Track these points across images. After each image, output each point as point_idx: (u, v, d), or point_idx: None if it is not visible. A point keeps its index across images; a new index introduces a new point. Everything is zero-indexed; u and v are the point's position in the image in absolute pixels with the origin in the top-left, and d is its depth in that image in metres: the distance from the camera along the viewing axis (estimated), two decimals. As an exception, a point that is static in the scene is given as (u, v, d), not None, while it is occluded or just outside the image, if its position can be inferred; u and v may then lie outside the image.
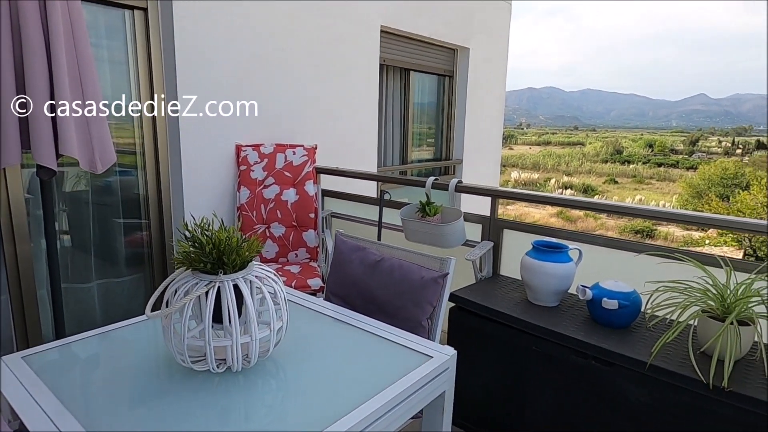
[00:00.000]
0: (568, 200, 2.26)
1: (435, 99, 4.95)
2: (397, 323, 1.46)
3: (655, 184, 45.46)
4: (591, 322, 1.81)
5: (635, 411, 1.57)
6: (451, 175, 5.02)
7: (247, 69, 2.92)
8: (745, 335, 1.49)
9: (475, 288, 2.13)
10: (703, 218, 1.87)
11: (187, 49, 2.61)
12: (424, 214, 2.43)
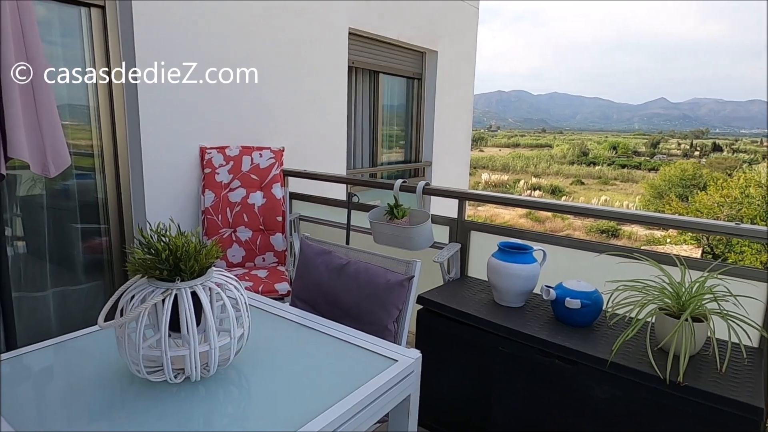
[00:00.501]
0: (532, 202, 2.30)
1: (404, 101, 4.97)
2: (363, 327, 1.45)
3: (619, 185, 46.92)
4: (555, 322, 1.84)
5: (597, 407, 1.61)
6: (421, 177, 5.05)
7: (210, 71, 2.86)
8: (699, 331, 1.54)
9: (443, 290, 2.15)
10: (661, 219, 1.94)
11: (148, 50, 2.54)
12: (392, 216, 2.43)
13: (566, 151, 65.21)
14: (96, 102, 2.50)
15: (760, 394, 1.42)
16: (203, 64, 2.80)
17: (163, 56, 2.61)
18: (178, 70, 2.68)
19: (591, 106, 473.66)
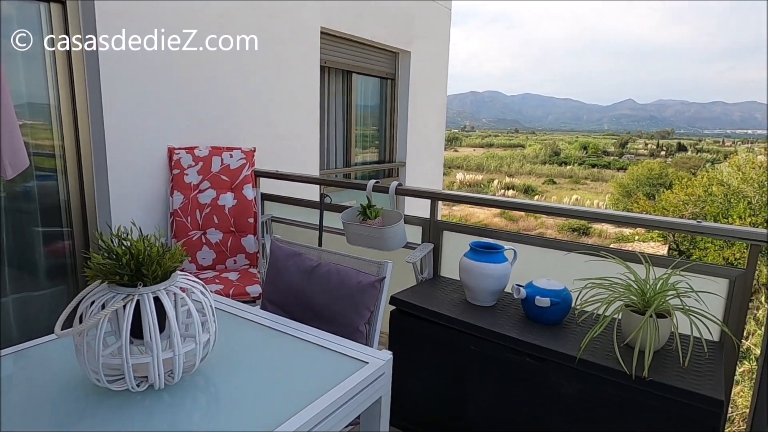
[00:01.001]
0: (502, 201, 2.32)
1: (378, 101, 4.96)
2: (334, 329, 1.43)
3: (589, 184, 48.02)
4: (526, 320, 1.87)
5: (567, 404, 1.63)
6: (395, 177, 5.05)
7: (178, 69, 2.79)
8: (663, 327, 1.58)
9: (416, 290, 2.15)
10: (627, 218, 1.99)
11: (111, 52, 2.46)
12: (365, 217, 2.42)
13: (538, 151, 66.41)
14: (57, 100, 2.42)
15: (721, 386, 1.47)
16: (170, 67, 2.74)
17: (128, 64, 2.54)
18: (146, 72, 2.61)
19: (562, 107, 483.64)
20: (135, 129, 2.62)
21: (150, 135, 2.69)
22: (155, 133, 2.72)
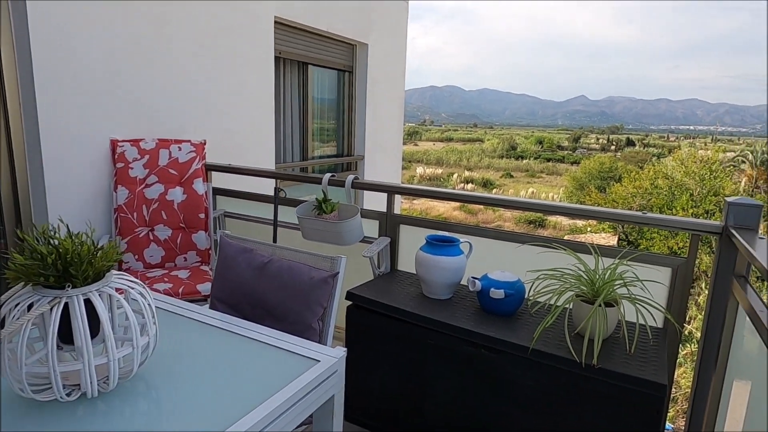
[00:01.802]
0: (457, 195, 2.33)
1: (335, 94, 4.90)
2: (286, 327, 1.39)
3: (545, 178, 49.49)
4: (481, 312, 1.88)
5: (522, 393, 1.66)
6: (354, 171, 5.01)
7: (121, 56, 2.64)
8: (611, 315, 1.63)
9: (372, 285, 2.13)
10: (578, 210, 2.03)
11: (45, 36, 2.30)
12: (320, 211, 2.37)
13: (496, 145, 67.82)
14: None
15: (664, 371, 1.52)
16: (112, 55, 2.58)
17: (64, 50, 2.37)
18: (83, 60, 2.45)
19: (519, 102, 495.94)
20: (73, 119, 2.46)
21: (90, 126, 2.54)
22: (96, 124, 2.56)
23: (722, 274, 1.70)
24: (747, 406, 1.45)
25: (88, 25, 2.47)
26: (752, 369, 1.46)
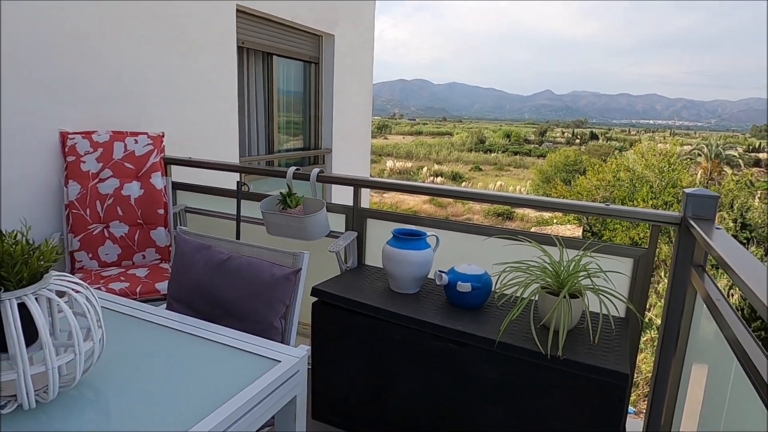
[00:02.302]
0: (424, 188, 2.31)
1: (302, 86, 4.80)
2: (247, 327, 1.34)
3: (513, 171, 50.35)
4: (448, 306, 1.87)
5: (488, 386, 1.65)
6: (321, 164, 4.94)
7: (71, 43, 2.49)
8: (575, 307, 1.64)
9: (339, 280, 2.09)
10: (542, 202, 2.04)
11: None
12: (285, 206, 2.31)
13: (465, 138, 68.53)
14: None
15: (626, 360, 1.54)
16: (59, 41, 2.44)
17: (6, 24, 2.22)
18: (26, 42, 2.30)
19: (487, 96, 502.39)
20: (16, 110, 2.31)
21: (36, 117, 2.39)
22: (43, 115, 2.42)
23: (681, 263, 1.74)
24: (705, 388, 1.49)
25: (35, 9, 2.32)
26: (710, 353, 1.50)
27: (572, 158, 34.84)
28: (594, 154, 39.43)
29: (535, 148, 63.48)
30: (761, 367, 1.01)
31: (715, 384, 1.41)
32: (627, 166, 25.52)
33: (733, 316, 1.38)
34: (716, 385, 1.40)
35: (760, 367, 1.01)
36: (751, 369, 1.05)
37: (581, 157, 35.37)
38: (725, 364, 1.27)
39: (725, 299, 1.49)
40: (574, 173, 31.43)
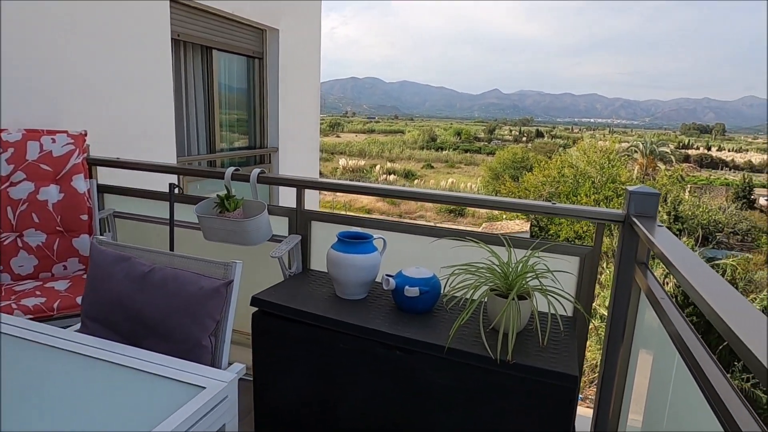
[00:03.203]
0: (368, 188, 2.23)
1: (245, 82, 4.60)
2: (172, 347, 1.20)
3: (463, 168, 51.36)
4: (397, 311, 1.79)
5: (439, 394, 1.59)
6: (267, 164, 4.75)
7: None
8: (524, 308, 1.61)
9: (281, 287, 1.96)
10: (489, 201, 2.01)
11: None
12: (222, 209, 2.16)
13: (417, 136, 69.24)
14: None
15: (575, 361, 1.53)
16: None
17: None
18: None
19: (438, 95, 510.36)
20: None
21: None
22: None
23: (625, 260, 1.75)
24: (650, 374, 1.52)
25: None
26: (654, 341, 1.52)
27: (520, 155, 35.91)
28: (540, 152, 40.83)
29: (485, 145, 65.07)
30: (703, 362, 1.01)
31: (660, 370, 1.43)
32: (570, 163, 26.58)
33: (674, 311, 1.39)
34: (660, 371, 1.42)
35: (702, 362, 1.02)
36: (693, 364, 1.05)
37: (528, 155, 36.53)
38: (668, 355, 1.28)
39: (667, 296, 1.51)
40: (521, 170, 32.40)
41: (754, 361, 0.66)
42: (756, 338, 0.70)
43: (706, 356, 1.04)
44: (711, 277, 1.13)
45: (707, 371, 0.96)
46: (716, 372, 0.95)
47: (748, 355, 0.67)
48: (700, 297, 0.96)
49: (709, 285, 1.04)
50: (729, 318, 0.79)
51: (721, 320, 0.80)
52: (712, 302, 0.88)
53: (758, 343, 0.68)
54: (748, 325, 0.76)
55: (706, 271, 1.19)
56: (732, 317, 0.79)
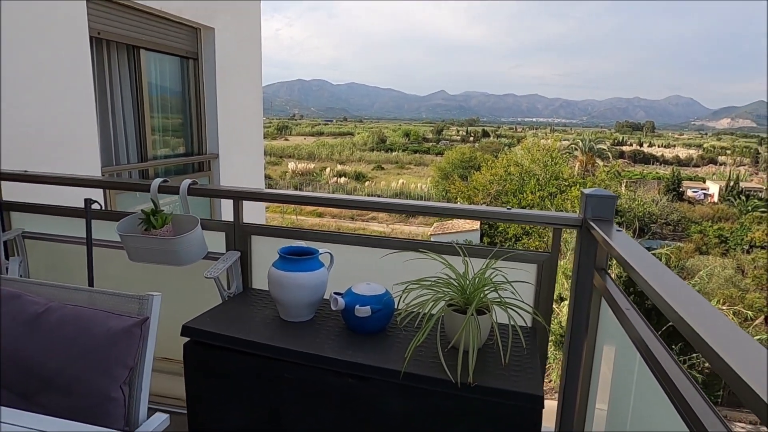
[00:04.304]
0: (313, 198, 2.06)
1: (180, 85, 4.29)
2: (73, 403, 0.99)
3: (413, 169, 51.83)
4: (347, 333, 1.64)
5: (396, 424, 1.45)
6: (207, 172, 4.46)
7: None
8: (483, 324, 1.50)
9: (218, 312, 1.76)
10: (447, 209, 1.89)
11: None
12: (148, 226, 1.93)
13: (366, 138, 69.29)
14: None
15: (539, 378, 1.43)
16: None
17: None
18: None
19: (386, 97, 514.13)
20: None
21: None
22: None
23: (584, 265, 1.68)
24: (613, 365, 1.49)
25: None
26: (617, 336, 1.46)
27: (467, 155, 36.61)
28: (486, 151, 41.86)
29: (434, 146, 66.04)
30: (663, 360, 1.06)
31: (621, 364, 1.42)
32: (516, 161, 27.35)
33: (634, 314, 1.34)
34: (622, 365, 1.42)
35: (662, 361, 1.06)
36: (654, 363, 1.08)
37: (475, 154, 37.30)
38: (629, 352, 1.29)
39: (627, 299, 1.45)
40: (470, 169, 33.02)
41: (719, 363, 0.70)
42: (721, 340, 0.76)
43: (667, 356, 1.08)
44: (672, 281, 1.12)
45: (667, 368, 1.02)
46: (677, 371, 1.01)
47: (714, 357, 0.72)
48: (664, 302, 0.97)
49: (672, 289, 1.04)
50: (693, 322, 0.83)
51: (686, 324, 0.84)
52: (677, 308, 0.91)
53: (723, 345, 0.74)
54: (714, 328, 0.81)
55: (666, 275, 1.17)
56: (696, 321, 0.84)
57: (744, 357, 0.70)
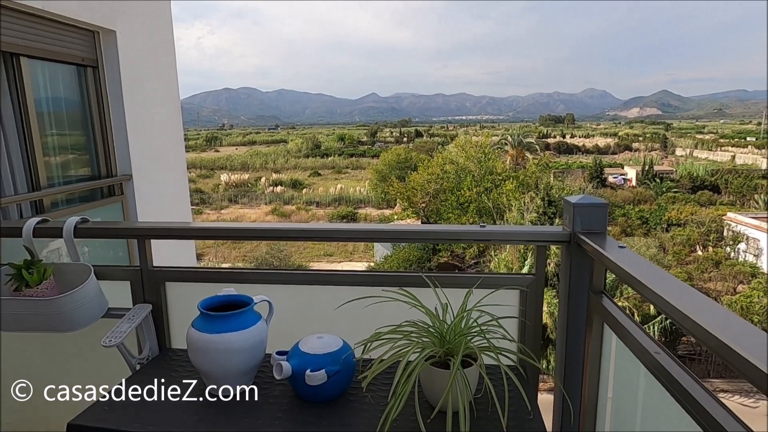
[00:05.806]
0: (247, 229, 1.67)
1: (78, 96, 3.68)
2: None
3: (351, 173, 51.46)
4: (297, 403, 1.27)
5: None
6: (120, 196, 3.87)
7: None
8: (471, 377, 1.19)
9: (119, 394, 1.32)
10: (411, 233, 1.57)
11: None
12: (20, 284, 1.45)
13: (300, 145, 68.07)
14: None
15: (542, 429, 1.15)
16: None
17: None
18: None
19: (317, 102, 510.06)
20: None
21: None
22: None
23: (576, 287, 1.41)
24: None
25: None
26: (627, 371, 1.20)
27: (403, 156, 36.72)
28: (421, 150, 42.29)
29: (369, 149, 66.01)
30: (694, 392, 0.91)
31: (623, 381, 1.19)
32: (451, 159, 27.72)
33: (645, 338, 1.11)
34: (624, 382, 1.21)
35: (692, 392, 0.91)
36: (680, 392, 0.94)
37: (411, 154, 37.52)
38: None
39: (635, 324, 1.20)
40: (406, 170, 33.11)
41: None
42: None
43: (692, 381, 0.94)
44: (696, 298, 0.95)
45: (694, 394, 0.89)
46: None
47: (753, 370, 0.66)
48: (681, 313, 0.86)
49: (699, 308, 0.88)
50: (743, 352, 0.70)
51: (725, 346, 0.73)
52: (717, 333, 0.76)
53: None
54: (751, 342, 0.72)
55: (689, 292, 0.99)
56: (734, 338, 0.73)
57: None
